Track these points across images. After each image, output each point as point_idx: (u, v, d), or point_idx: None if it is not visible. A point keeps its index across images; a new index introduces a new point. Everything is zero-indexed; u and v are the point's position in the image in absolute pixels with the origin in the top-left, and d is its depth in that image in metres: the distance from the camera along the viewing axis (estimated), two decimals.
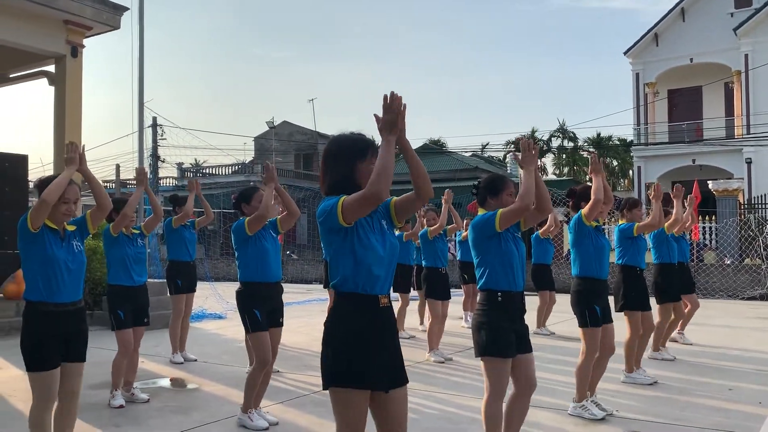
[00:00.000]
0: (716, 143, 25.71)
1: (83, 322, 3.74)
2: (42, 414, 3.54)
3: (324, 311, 10.82)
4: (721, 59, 26.18)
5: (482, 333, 3.66)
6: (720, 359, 7.43)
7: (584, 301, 4.98)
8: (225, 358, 7.50)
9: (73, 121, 11.29)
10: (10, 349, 7.89)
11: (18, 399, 5.63)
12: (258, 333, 4.73)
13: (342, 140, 2.77)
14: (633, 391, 5.83)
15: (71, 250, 3.67)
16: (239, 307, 4.85)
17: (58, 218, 3.66)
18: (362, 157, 2.70)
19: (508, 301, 3.69)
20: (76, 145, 3.69)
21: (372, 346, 2.58)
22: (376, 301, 2.63)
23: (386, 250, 2.67)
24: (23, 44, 10.83)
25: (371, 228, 2.66)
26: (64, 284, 3.59)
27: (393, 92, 2.52)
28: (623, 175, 49.89)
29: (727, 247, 18.17)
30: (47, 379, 3.52)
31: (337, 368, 2.58)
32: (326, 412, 5.08)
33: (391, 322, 2.71)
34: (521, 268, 3.77)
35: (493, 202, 3.85)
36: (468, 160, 37.50)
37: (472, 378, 6.39)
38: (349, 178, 2.68)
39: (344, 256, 2.62)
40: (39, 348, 3.51)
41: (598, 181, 4.79)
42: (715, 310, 12.41)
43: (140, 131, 15.37)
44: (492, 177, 3.99)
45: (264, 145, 40.17)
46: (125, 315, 5.37)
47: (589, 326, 4.94)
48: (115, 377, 5.37)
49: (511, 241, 3.74)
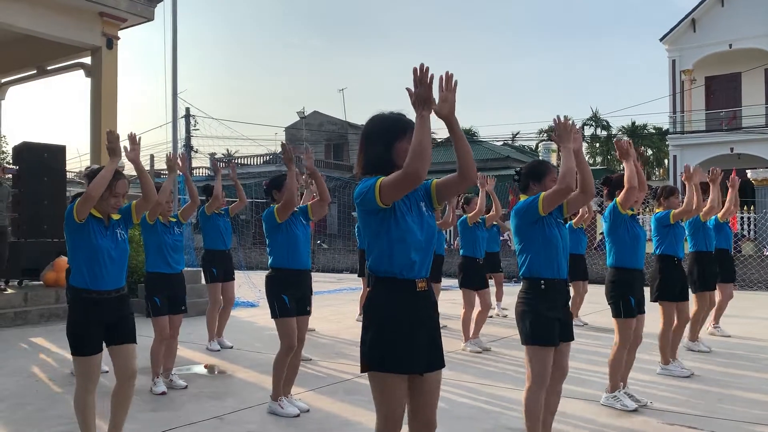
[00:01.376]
0: (755, 131, 25.07)
1: (127, 307, 3.84)
2: (85, 396, 3.68)
3: (354, 300, 10.87)
4: (762, 45, 25.46)
5: (526, 322, 3.63)
6: (758, 352, 7.28)
7: (619, 291, 4.91)
8: (257, 345, 7.59)
9: (109, 111, 11.51)
10: (53, 334, 8.11)
11: (59, 384, 5.78)
12: (285, 318, 4.76)
13: (379, 119, 2.73)
14: (668, 382, 5.74)
15: (115, 239, 3.76)
16: (267, 293, 4.88)
17: (106, 210, 3.75)
18: (400, 136, 2.64)
19: (551, 288, 3.64)
20: (116, 134, 3.73)
21: (410, 330, 2.56)
22: (413, 285, 2.60)
23: (424, 233, 2.63)
24: (61, 37, 11.05)
25: (409, 210, 2.62)
26: (108, 272, 3.69)
27: (423, 64, 2.43)
28: (659, 164, 48.99)
29: (766, 238, 17.74)
30: (89, 363, 3.65)
31: (375, 353, 2.57)
32: (358, 400, 5.13)
33: (429, 305, 2.68)
34: (565, 255, 3.72)
35: (536, 188, 3.79)
36: (499, 149, 37.24)
37: (504, 368, 6.37)
38: (386, 157, 2.64)
39: (381, 239, 2.59)
40: (82, 333, 3.63)
41: (630, 167, 4.64)
42: (753, 301, 12.14)
43: (174, 122, 15.54)
44: (535, 162, 3.94)
45: (295, 135, 40.37)
46: (161, 302, 5.46)
47: (623, 317, 4.87)
48: (154, 364, 5.48)
49: (555, 227, 3.68)
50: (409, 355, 2.55)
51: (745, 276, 14.83)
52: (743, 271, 14.92)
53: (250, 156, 38.77)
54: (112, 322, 3.72)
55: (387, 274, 2.60)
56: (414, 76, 2.43)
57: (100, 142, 11.33)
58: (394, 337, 2.55)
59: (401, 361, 2.55)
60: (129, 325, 3.81)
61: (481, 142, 38.57)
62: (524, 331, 3.65)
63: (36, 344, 7.71)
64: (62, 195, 10.79)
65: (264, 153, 37.96)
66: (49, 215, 10.22)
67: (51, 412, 4.88)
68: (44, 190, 10.44)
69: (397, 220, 2.58)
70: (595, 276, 10.08)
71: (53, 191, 10.57)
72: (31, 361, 6.79)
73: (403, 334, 2.56)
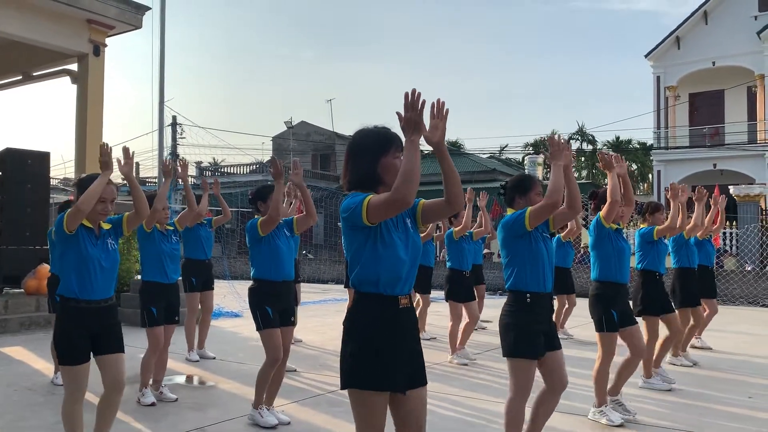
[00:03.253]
0: (738, 148, 25.40)
1: (115, 317, 3.81)
2: (72, 405, 3.64)
3: (340, 311, 10.84)
4: (744, 63, 25.86)
5: (510, 334, 3.64)
6: (740, 366, 7.34)
7: (602, 305, 4.92)
8: (241, 356, 7.53)
9: (95, 118, 11.43)
10: (33, 342, 8.01)
11: (39, 393, 5.70)
12: (269, 330, 4.72)
13: (365, 133, 2.71)
14: (651, 396, 5.77)
15: (106, 248, 3.74)
16: (251, 304, 4.84)
17: (94, 217, 3.73)
18: (385, 151, 2.62)
19: (536, 302, 3.66)
20: (109, 148, 3.73)
21: (390, 347, 2.54)
22: (396, 301, 2.58)
23: (409, 250, 2.61)
24: (47, 43, 10.99)
25: (395, 226, 2.61)
26: (97, 282, 3.67)
27: (414, 89, 2.43)
28: (643, 179, 49.43)
29: (747, 254, 17.93)
30: (77, 372, 3.61)
31: (355, 370, 2.54)
32: (341, 412, 5.09)
33: (411, 322, 2.66)
34: (551, 268, 3.74)
35: (521, 202, 3.82)
36: (486, 162, 37.39)
37: (489, 380, 6.37)
38: (372, 172, 2.62)
39: (365, 255, 2.57)
40: (70, 343, 3.60)
41: (613, 180, 4.63)
42: (734, 316, 12.25)
43: (160, 130, 15.48)
44: (520, 176, 3.96)
45: (282, 144, 40.34)
46: (158, 312, 5.36)
47: (605, 331, 4.89)
48: (144, 375, 5.37)
49: (541, 241, 3.70)
50: (390, 373, 2.52)
51: (727, 291, 14.97)
52: (725, 286, 15.06)
53: (236, 165, 38.66)
54: (101, 331, 3.69)
55: (370, 290, 2.58)
56: (405, 100, 2.42)
57: (86, 149, 11.26)
58: (374, 354, 2.52)
59: (380, 379, 2.51)
60: (117, 335, 3.77)
61: (468, 155, 38.73)
62: (507, 343, 3.65)
63: (16, 353, 7.60)
64: (46, 202, 10.69)
65: (250, 162, 37.86)
66: (32, 222, 10.12)
67: (31, 422, 4.81)
68: (27, 197, 10.33)
69: (383, 235, 2.56)
70: (579, 289, 10.11)
71: (37, 198, 10.47)
72: (10, 369, 6.69)
73: (383, 351, 2.53)
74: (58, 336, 3.65)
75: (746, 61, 25.78)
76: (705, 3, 26.94)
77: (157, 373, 5.52)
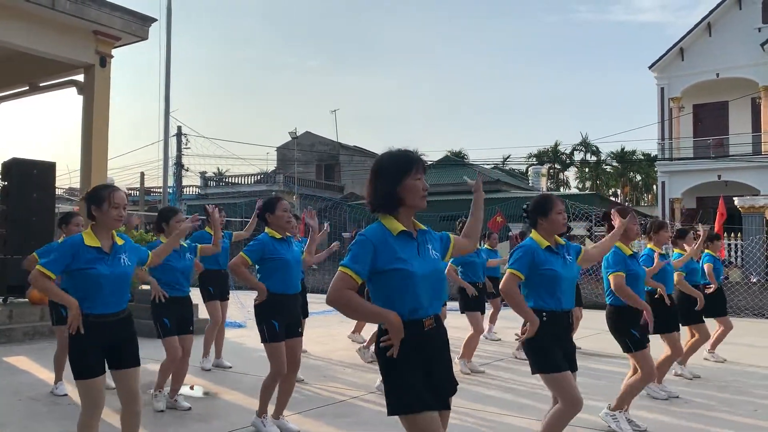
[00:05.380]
0: (742, 159, 25.37)
1: (130, 329, 3.79)
2: (89, 420, 3.60)
3: (344, 321, 10.81)
4: (748, 74, 25.88)
5: (532, 353, 3.74)
6: (745, 378, 7.29)
7: (622, 328, 4.98)
8: (245, 367, 7.52)
9: (101, 129, 11.47)
10: (37, 352, 8.01)
11: (43, 403, 5.70)
12: (274, 344, 4.72)
13: (388, 156, 2.81)
14: (658, 406, 5.73)
15: (117, 264, 3.68)
16: (257, 317, 4.84)
17: (110, 224, 3.70)
18: (407, 173, 2.72)
19: (552, 319, 3.72)
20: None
21: (422, 371, 2.62)
22: (421, 325, 2.66)
23: (428, 273, 2.70)
24: (53, 54, 11.05)
25: (414, 253, 2.70)
26: (108, 297, 3.63)
27: None
28: (647, 190, 49.31)
29: (753, 265, 17.87)
30: (92, 386, 3.57)
31: (396, 397, 2.62)
32: (345, 424, 5.08)
33: (438, 341, 2.74)
34: (570, 287, 3.79)
35: (544, 223, 3.85)
36: (490, 173, 37.36)
37: (496, 391, 6.34)
38: (394, 193, 2.71)
39: (386, 285, 2.67)
40: (83, 357, 3.56)
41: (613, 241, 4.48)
42: (740, 328, 12.15)
43: (165, 140, 15.58)
44: (539, 198, 3.98)
45: (286, 155, 40.43)
46: (170, 323, 5.40)
47: (634, 351, 4.92)
48: (160, 377, 5.46)
49: (557, 263, 3.76)
50: (427, 394, 2.60)
51: (732, 303, 14.88)
52: (730, 298, 14.97)
53: (241, 175, 38.75)
54: (114, 344, 3.66)
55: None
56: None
57: (91, 159, 11.30)
58: (408, 380, 2.60)
59: (423, 401, 2.59)
60: (133, 348, 3.75)
61: (472, 165, 38.74)
62: (531, 361, 3.76)
63: (20, 362, 7.61)
64: (51, 212, 10.72)
65: (255, 172, 37.95)
66: (38, 232, 10.14)
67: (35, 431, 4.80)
68: (33, 206, 10.37)
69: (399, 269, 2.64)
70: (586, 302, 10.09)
71: (42, 208, 10.51)
72: (14, 379, 6.69)
73: (416, 376, 2.61)
74: (71, 351, 3.60)
75: (750, 73, 25.80)
76: (709, 15, 27.01)
77: (175, 381, 5.55)
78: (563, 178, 51.71)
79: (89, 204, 3.70)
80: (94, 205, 3.68)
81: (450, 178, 33.96)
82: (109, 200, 3.67)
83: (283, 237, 4.93)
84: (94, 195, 3.72)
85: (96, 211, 3.68)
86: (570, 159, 51.22)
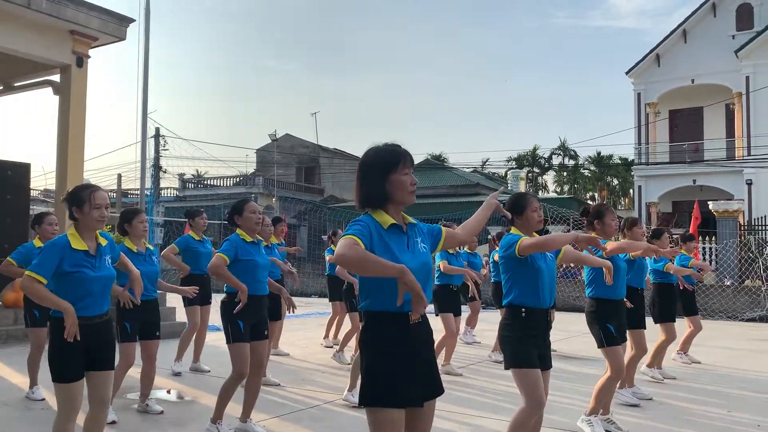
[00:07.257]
0: (717, 164, 25.80)
1: (109, 332, 3.74)
2: (65, 423, 3.55)
3: (322, 325, 10.80)
4: (723, 81, 26.35)
5: (507, 347, 3.76)
6: (719, 381, 7.40)
7: (598, 322, 5.00)
8: (220, 370, 7.44)
9: (77, 130, 11.33)
10: (11, 356, 7.88)
11: (15, 407, 5.61)
12: (238, 344, 4.70)
13: (374, 152, 2.77)
14: (632, 409, 5.80)
15: (102, 266, 3.66)
16: (223, 317, 4.81)
17: (93, 225, 3.65)
18: (394, 167, 2.70)
19: (531, 315, 3.75)
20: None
21: (405, 364, 2.59)
22: (406, 318, 2.63)
23: (417, 267, 2.64)
24: (29, 53, 10.89)
25: (403, 247, 2.68)
26: (93, 299, 3.60)
27: None
28: (624, 194, 49.89)
29: (726, 268, 18.15)
30: (71, 390, 3.52)
31: (371, 388, 2.58)
32: (323, 427, 5.07)
33: (423, 336, 2.71)
34: (551, 285, 3.82)
35: (519, 221, 3.89)
36: (469, 176, 37.58)
37: (474, 394, 6.37)
38: (381, 189, 2.70)
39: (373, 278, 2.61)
40: (64, 360, 3.51)
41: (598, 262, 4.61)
42: (714, 331, 12.35)
43: (143, 142, 15.43)
44: (514, 197, 4.01)
45: (266, 157, 40.29)
46: (132, 328, 5.30)
47: (606, 346, 4.94)
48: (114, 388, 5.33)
49: (541, 259, 3.79)
50: (405, 389, 2.57)
51: (706, 305, 15.12)
52: (705, 301, 15.21)
53: (220, 177, 38.56)
54: (94, 347, 3.60)
55: (379, 309, 2.63)
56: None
57: (67, 160, 11.15)
58: (388, 372, 2.57)
59: (396, 396, 2.56)
60: (110, 352, 3.71)
61: (451, 169, 38.92)
62: (506, 355, 3.77)
63: None
64: (26, 213, 10.57)
65: (234, 174, 37.77)
66: (12, 234, 9.98)
67: None
68: (7, 207, 10.22)
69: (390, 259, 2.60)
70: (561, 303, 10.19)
71: (16, 209, 10.36)
72: None
73: (397, 369, 2.57)
74: (51, 354, 3.54)
75: (724, 79, 26.27)
76: (684, 21, 27.47)
77: (144, 387, 5.47)
78: (542, 181, 52.15)
79: (70, 206, 3.64)
80: (75, 206, 3.63)
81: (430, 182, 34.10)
82: (90, 201, 3.61)
83: (253, 240, 4.93)
84: (74, 196, 3.66)
85: (77, 212, 3.63)
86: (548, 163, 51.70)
